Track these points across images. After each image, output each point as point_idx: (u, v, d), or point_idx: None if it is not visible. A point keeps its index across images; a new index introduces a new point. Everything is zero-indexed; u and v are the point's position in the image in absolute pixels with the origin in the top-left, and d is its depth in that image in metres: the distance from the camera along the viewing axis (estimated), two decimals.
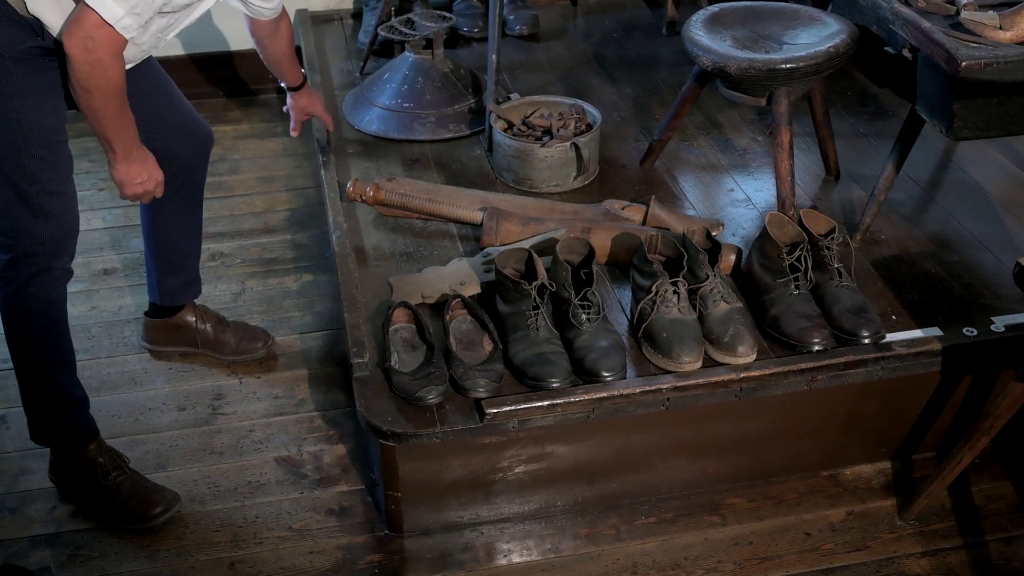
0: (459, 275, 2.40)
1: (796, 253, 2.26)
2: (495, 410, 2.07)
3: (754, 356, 2.18)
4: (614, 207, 2.60)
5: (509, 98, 3.02)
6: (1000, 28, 2.19)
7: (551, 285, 2.22)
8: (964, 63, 2.10)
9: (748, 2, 2.72)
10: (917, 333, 2.26)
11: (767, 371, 2.16)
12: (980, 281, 2.44)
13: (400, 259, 2.54)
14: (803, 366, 2.17)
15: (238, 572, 2.14)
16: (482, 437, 2.11)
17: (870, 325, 2.21)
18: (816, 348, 2.19)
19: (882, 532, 2.23)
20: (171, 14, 2.03)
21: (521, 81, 3.35)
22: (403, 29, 3.12)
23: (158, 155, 2.29)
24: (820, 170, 2.88)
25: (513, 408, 2.08)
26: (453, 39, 3.56)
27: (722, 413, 2.20)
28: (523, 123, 2.87)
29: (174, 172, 2.37)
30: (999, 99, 2.20)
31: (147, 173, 2.13)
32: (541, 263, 2.24)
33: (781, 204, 2.56)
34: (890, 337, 2.24)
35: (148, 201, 2.22)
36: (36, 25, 1.94)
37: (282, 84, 2.70)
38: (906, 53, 2.31)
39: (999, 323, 2.29)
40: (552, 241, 2.41)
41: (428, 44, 3.13)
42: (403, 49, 3.20)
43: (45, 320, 2.14)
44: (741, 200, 2.77)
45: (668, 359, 2.15)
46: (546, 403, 2.09)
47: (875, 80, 3.34)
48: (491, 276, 2.35)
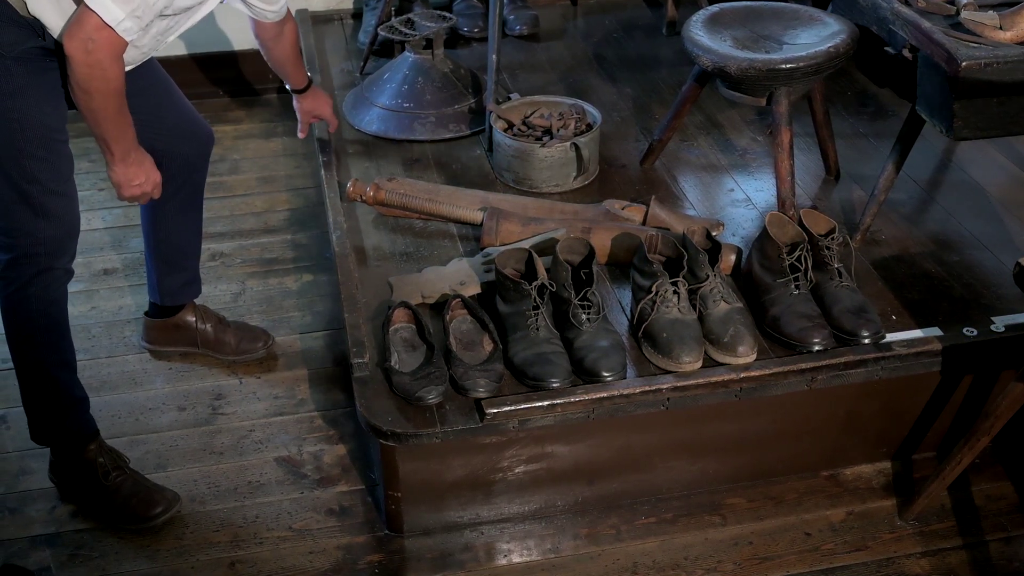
0: (459, 275, 2.40)
1: (796, 253, 2.26)
2: (495, 410, 2.07)
3: (754, 356, 2.18)
4: (614, 207, 2.60)
5: (509, 98, 3.01)
6: (1000, 28, 2.19)
7: (551, 285, 2.22)
8: (964, 63, 2.11)
9: (748, 2, 2.72)
10: (917, 333, 2.26)
11: (767, 371, 2.16)
12: (980, 281, 2.44)
13: (400, 259, 2.54)
14: (803, 366, 2.17)
15: (238, 572, 2.15)
16: (482, 437, 2.11)
17: (870, 325, 2.21)
18: (816, 348, 2.19)
19: (882, 532, 2.23)
20: (172, 17, 2.03)
21: (521, 81, 3.35)
22: (403, 29, 3.12)
23: (159, 155, 2.29)
24: (820, 170, 2.88)
25: (513, 408, 2.08)
26: (453, 39, 3.56)
27: (722, 413, 2.20)
28: (523, 123, 2.87)
29: (175, 172, 2.37)
30: (999, 99, 2.20)
31: (145, 175, 2.13)
32: (541, 263, 2.24)
33: (781, 204, 2.56)
34: (890, 337, 2.24)
35: (145, 203, 2.22)
36: (36, 25, 1.94)
37: (287, 87, 2.69)
38: (906, 53, 2.31)
39: (999, 323, 2.29)
40: (552, 241, 2.41)
41: (428, 44, 3.13)
42: (403, 49, 3.20)
43: (46, 320, 2.14)
44: (741, 200, 2.77)
45: (668, 359, 2.15)
46: (546, 403, 2.09)
47: (875, 80, 3.34)
48: (491, 276, 2.35)
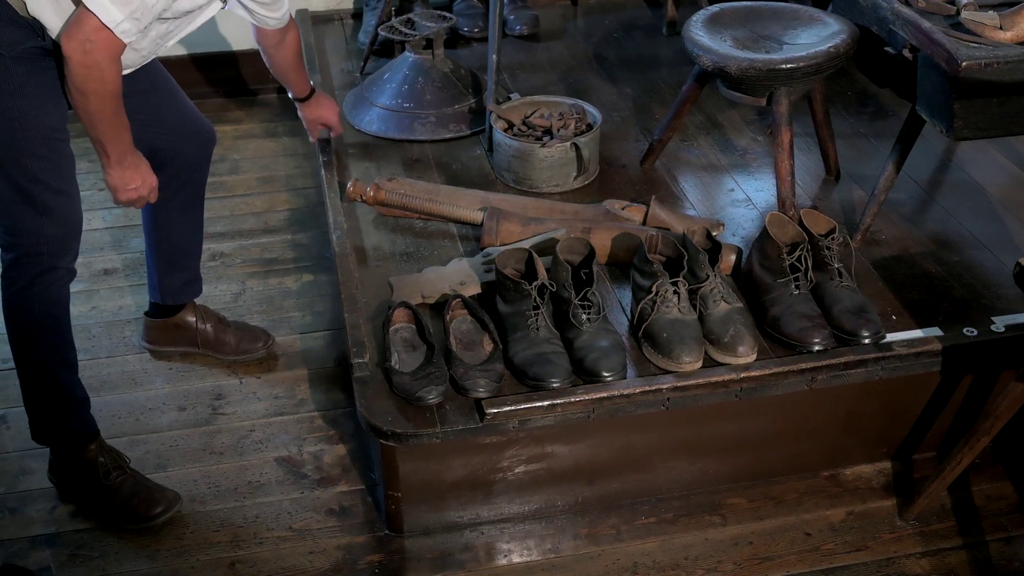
0: (459, 275, 2.40)
1: (796, 253, 2.26)
2: (495, 410, 2.07)
3: (754, 356, 2.18)
4: (614, 207, 2.60)
5: (509, 98, 3.01)
6: (1000, 28, 2.19)
7: (551, 285, 2.22)
8: (964, 63, 2.11)
9: (748, 2, 2.72)
10: (917, 333, 2.26)
11: (767, 371, 2.16)
12: (980, 281, 2.44)
13: (400, 259, 2.54)
14: (803, 366, 2.17)
15: (238, 572, 2.15)
16: (482, 437, 2.11)
17: (870, 325, 2.21)
18: (816, 348, 2.19)
19: (882, 532, 2.23)
20: (171, 20, 2.03)
21: (521, 81, 3.35)
22: (403, 29, 3.12)
23: (161, 154, 2.30)
24: (820, 170, 2.88)
25: (513, 408, 2.08)
26: (453, 39, 3.56)
27: (722, 413, 2.20)
28: (523, 123, 2.87)
29: (176, 171, 2.37)
30: (999, 99, 2.20)
31: (141, 179, 2.13)
32: (541, 263, 2.24)
33: (781, 204, 2.56)
34: (890, 337, 2.24)
35: (141, 207, 2.21)
36: (36, 25, 1.94)
37: (290, 95, 2.68)
38: (906, 53, 2.31)
39: (999, 323, 2.29)
40: (552, 241, 2.41)
41: (428, 44, 3.13)
42: (403, 49, 3.20)
43: (48, 320, 2.14)
44: (741, 200, 2.77)
45: (668, 359, 2.15)
46: (546, 403, 2.09)
47: (875, 80, 3.34)
48: (491, 276, 2.35)
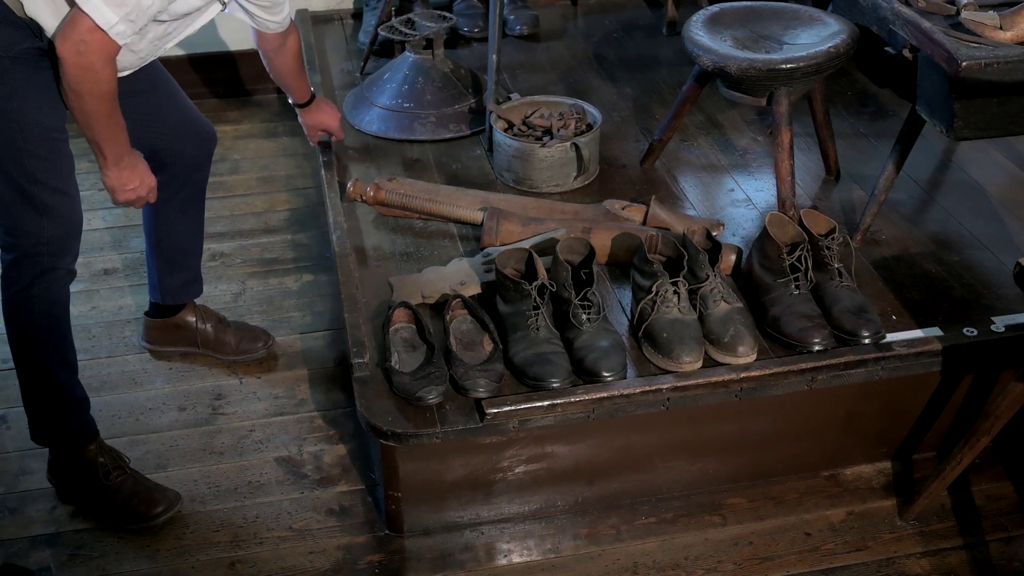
0: (459, 275, 2.40)
1: (796, 253, 2.26)
2: (495, 410, 2.07)
3: (754, 356, 2.17)
4: (614, 207, 2.60)
5: (509, 98, 3.01)
6: (1000, 28, 2.19)
7: (551, 285, 2.22)
8: (964, 63, 2.10)
9: (748, 2, 2.72)
10: (917, 333, 2.26)
11: (767, 371, 2.16)
12: (980, 281, 2.44)
13: (400, 259, 2.54)
14: (803, 366, 2.17)
15: (238, 572, 2.15)
16: (482, 437, 2.11)
17: (870, 325, 2.21)
18: (816, 348, 2.19)
19: (882, 532, 2.23)
20: (169, 22, 2.03)
21: (521, 81, 3.35)
22: (403, 29, 3.12)
23: (161, 154, 2.29)
24: (820, 170, 2.88)
25: (513, 408, 2.08)
26: (453, 39, 3.56)
27: (722, 413, 2.20)
28: (523, 123, 2.87)
29: (177, 171, 2.37)
30: (999, 99, 2.20)
31: (139, 179, 2.12)
32: (541, 263, 2.24)
33: (781, 204, 2.56)
34: (890, 337, 2.24)
35: (141, 207, 2.21)
36: (34, 26, 1.94)
37: (290, 101, 2.67)
38: (906, 53, 2.31)
39: (999, 323, 2.29)
40: (552, 241, 2.41)
41: (428, 44, 3.13)
42: (403, 49, 3.20)
43: (48, 321, 2.14)
44: (741, 200, 2.77)
45: (668, 359, 2.15)
46: (546, 403, 2.09)
47: (875, 80, 3.34)
48: (491, 276, 2.35)
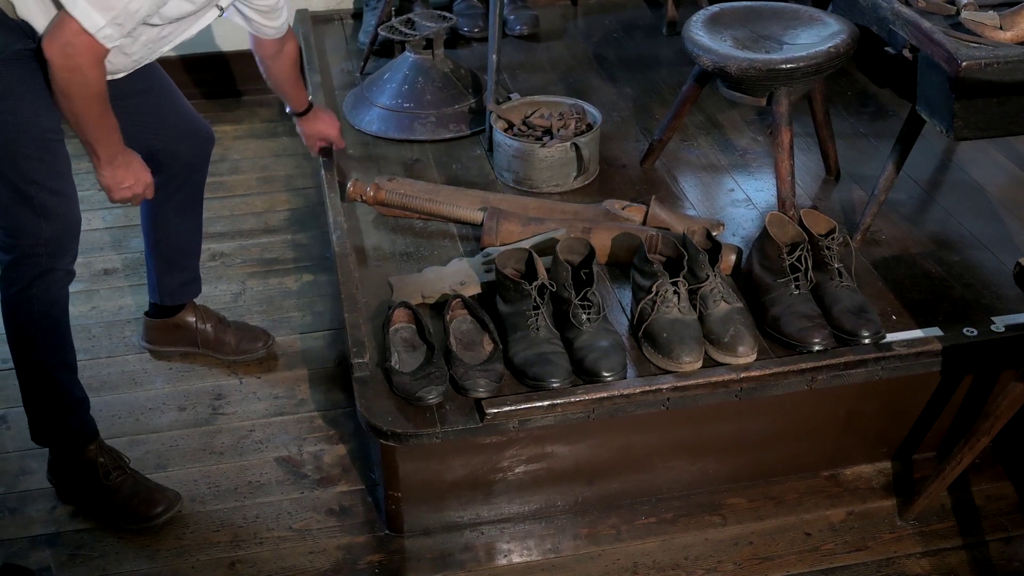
0: (459, 275, 2.40)
1: (796, 253, 2.26)
2: (495, 410, 2.07)
3: (754, 356, 2.17)
4: (614, 207, 2.60)
5: (509, 98, 3.01)
6: (1000, 28, 2.19)
7: (551, 285, 2.22)
8: (964, 63, 2.11)
9: (748, 2, 2.72)
10: (917, 333, 2.26)
11: (767, 371, 2.16)
12: (980, 281, 2.44)
13: (400, 259, 2.54)
14: (803, 366, 2.17)
15: (238, 572, 2.14)
16: (482, 437, 2.11)
17: (870, 325, 2.21)
18: (816, 348, 2.19)
19: (882, 532, 2.23)
20: (163, 26, 2.02)
21: (521, 81, 3.35)
22: (403, 29, 3.12)
23: (159, 155, 2.29)
24: (820, 170, 2.88)
25: (513, 408, 2.08)
26: (453, 39, 3.56)
27: (722, 413, 2.20)
28: (523, 123, 2.87)
29: (174, 172, 2.37)
30: (999, 99, 2.20)
31: (134, 177, 2.12)
32: (541, 263, 2.24)
33: (781, 204, 2.56)
34: (890, 337, 2.24)
35: (138, 204, 2.21)
36: (26, 28, 1.93)
37: (287, 110, 2.64)
38: (906, 53, 2.31)
39: (999, 323, 2.29)
40: (552, 241, 2.41)
41: (428, 44, 3.13)
42: (403, 49, 3.20)
43: (47, 321, 2.14)
44: (741, 200, 2.77)
45: (668, 359, 2.15)
46: (546, 403, 2.09)
47: (875, 80, 3.34)
48: (491, 276, 2.35)
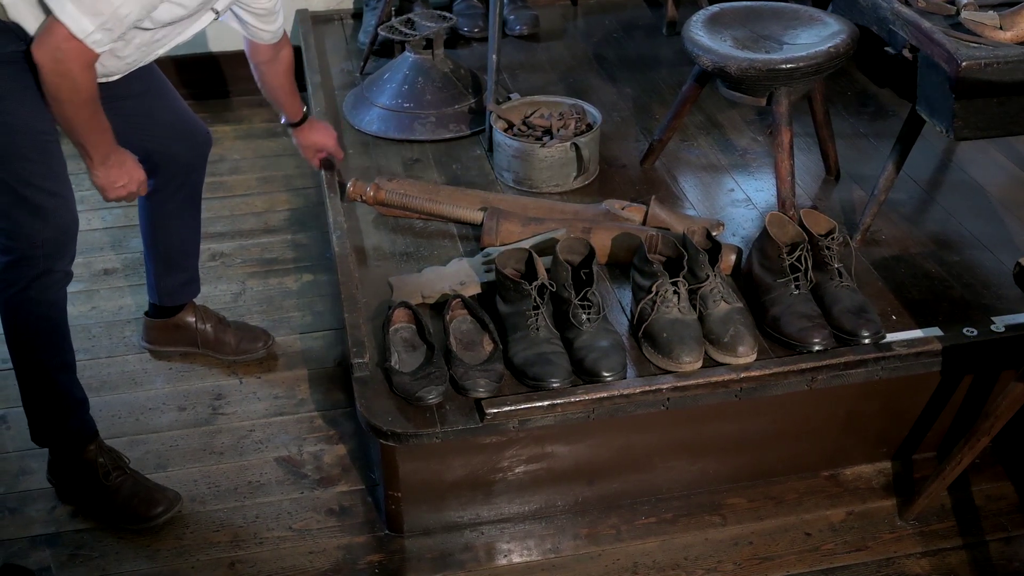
0: (459, 275, 2.40)
1: (796, 253, 2.26)
2: (495, 410, 2.07)
3: (754, 356, 2.17)
4: (614, 207, 2.60)
5: (509, 98, 3.01)
6: (1000, 28, 2.19)
7: (551, 285, 2.22)
8: (964, 63, 2.11)
9: (748, 2, 2.72)
10: (917, 333, 2.26)
11: (767, 371, 2.16)
12: (980, 281, 2.44)
13: (400, 259, 2.54)
14: (803, 366, 2.17)
15: (238, 572, 2.14)
16: (482, 437, 2.11)
17: (870, 325, 2.21)
18: (816, 348, 2.19)
19: (882, 532, 2.23)
20: (156, 29, 2.01)
21: (521, 81, 3.35)
22: (403, 29, 3.12)
23: (155, 156, 2.29)
24: (820, 170, 2.88)
25: (513, 408, 2.08)
26: (453, 39, 3.56)
27: (722, 413, 2.20)
28: (523, 123, 2.87)
29: (172, 174, 2.37)
30: (999, 99, 2.20)
31: (127, 176, 2.11)
32: (541, 263, 2.24)
33: (781, 204, 2.56)
34: (890, 337, 2.24)
35: (133, 201, 2.21)
36: (18, 30, 1.92)
37: (282, 120, 2.58)
38: (906, 53, 2.31)
39: (999, 323, 2.29)
40: (552, 241, 2.41)
41: (428, 44, 3.13)
42: (403, 49, 3.20)
43: (45, 323, 2.14)
44: (741, 200, 2.77)
45: (668, 359, 2.15)
46: (546, 403, 2.09)
47: (875, 80, 3.34)
48: (491, 276, 2.35)
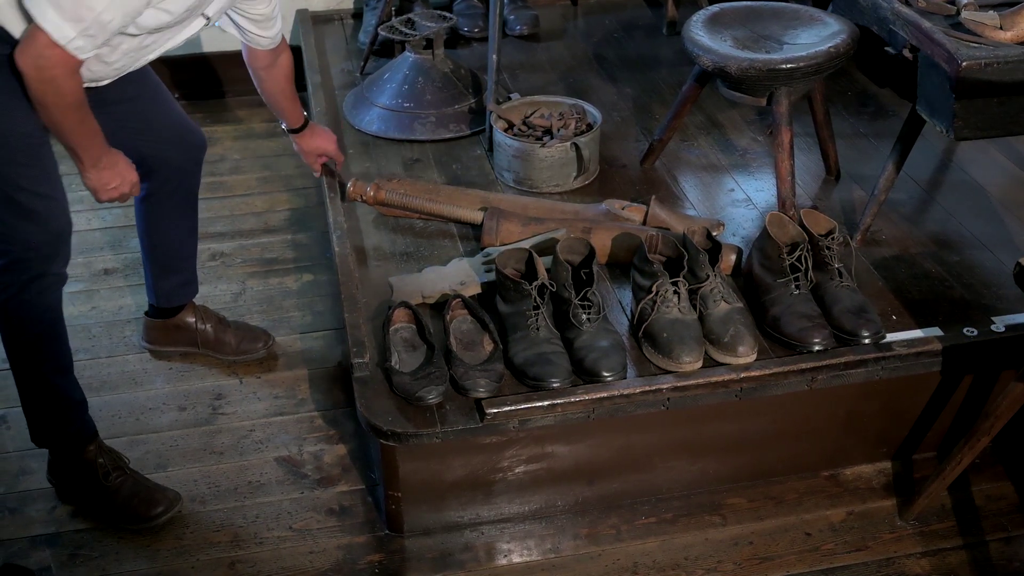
0: (459, 275, 2.40)
1: (796, 253, 2.26)
2: (495, 410, 2.07)
3: (754, 356, 2.17)
4: (614, 207, 2.60)
5: (509, 98, 3.01)
6: (1000, 28, 2.19)
7: (551, 285, 2.22)
8: (964, 63, 2.11)
9: (748, 2, 2.72)
10: (917, 333, 2.26)
11: (767, 371, 2.16)
12: (980, 281, 2.44)
13: (400, 259, 2.54)
14: (803, 366, 2.17)
15: (238, 572, 2.14)
16: (482, 437, 2.11)
17: (870, 325, 2.21)
18: (816, 348, 2.19)
19: (882, 532, 2.23)
20: (144, 35, 2.00)
21: (521, 81, 3.35)
22: (403, 29, 3.12)
23: (149, 160, 2.29)
24: (820, 170, 2.88)
25: (513, 408, 2.08)
26: (453, 39, 3.56)
27: (722, 413, 2.20)
28: (523, 123, 2.87)
29: (166, 178, 2.37)
30: (999, 99, 2.20)
31: (119, 177, 2.11)
32: (541, 263, 2.24)
33: (781, 204, 2.56)
34: (890, 337, 2.24)
35: (126, 201, 2.20)
36: (3, 34, 1.91)
37: (282, 126, 2.57)
38: (906, 53, 2.31)
39: (999, 323, 2.29)
40: (552, 241, 2.41)
41: (428, 44, 3.13)
42: (403, 49, 3.20)
43: (41, 327, 2.13)
44: (741, 200, 2.77)
45: (668, 359, 2.15)
46: (546, 403, 2.09)
47: (875, 80, 3.34)
48: (491, 276, 2.35)
